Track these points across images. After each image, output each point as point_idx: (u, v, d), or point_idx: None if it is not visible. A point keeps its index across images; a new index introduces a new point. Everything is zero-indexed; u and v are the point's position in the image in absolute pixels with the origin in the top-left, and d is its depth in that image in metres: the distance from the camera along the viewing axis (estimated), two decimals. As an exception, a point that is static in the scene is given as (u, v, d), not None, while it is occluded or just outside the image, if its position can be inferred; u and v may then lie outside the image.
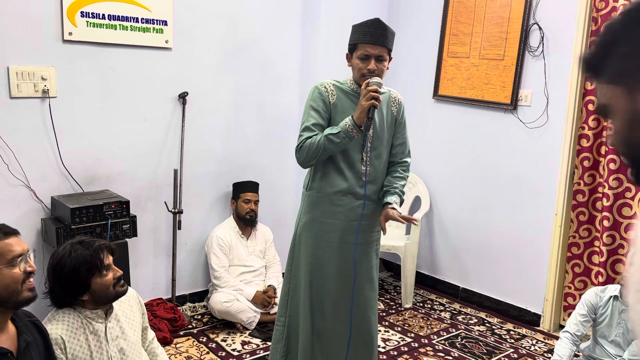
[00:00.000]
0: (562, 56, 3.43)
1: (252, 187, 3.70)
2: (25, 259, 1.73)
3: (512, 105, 3.66)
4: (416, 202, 4.21)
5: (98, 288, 2.01)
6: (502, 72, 3.69)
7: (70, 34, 3.05)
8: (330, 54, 3.81)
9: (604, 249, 3.32)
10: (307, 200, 2.60)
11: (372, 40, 2.40)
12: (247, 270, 3.64)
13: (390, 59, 2.50)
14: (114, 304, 2.14)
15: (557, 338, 3.45)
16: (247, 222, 3.68)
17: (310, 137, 2.43)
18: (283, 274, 2.82)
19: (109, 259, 2.06)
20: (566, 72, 3.41)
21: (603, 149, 3.33)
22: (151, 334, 2.38)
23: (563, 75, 3.43)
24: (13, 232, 1.76)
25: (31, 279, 1.74)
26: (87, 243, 2.04)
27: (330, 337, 2.59)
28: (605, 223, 3.29)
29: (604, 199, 3.29)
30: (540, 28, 3.50)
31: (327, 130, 2.41)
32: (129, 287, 2.26)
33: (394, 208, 2.46)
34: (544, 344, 3.47)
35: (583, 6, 3.29)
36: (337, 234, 2.53)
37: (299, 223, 2.64)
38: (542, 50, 3.50)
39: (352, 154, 2.48)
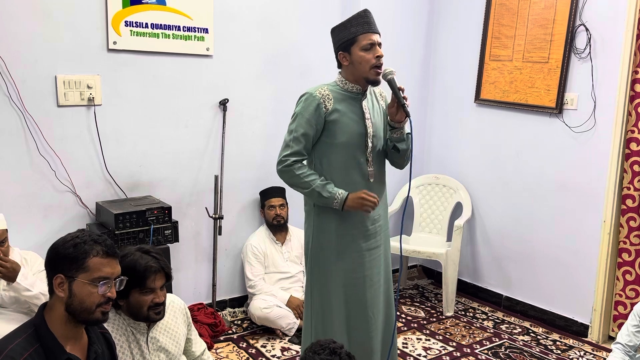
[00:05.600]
0: (609, 58, 3.32)
1: (276, 192, 3.68)
2: (110, 283, 1.70)
3: (558, 109, 3.56)
4: (458, 209, 4.13)
5: (134, 302, 2.00)
6: (547, 75, 3.59)
7: (114, 43, 3.12)
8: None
9: (656, 257, 3.18)
10: (316, 216, 2.46)
11: (372, 29, 2.35)
12: (284, 277, 3.64)
13: None
14: None
15: (606, 349, 3.35)
16: (276, 228, 3.68)
17: (300, 163, 2.33)
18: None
19: (157, 283, 2.00)
20: (614, 74, 3.30)
21: (655, 154, 3.20)
22: (202, 346, 2.35)
23: (611, 77, 3.32)
24: (113, 254, 1.73)
25: (108, 305, 1.71)
26: (149, 257, 2.00)
27: (367, 348, 2.51)
28: (658, 231, 3.16)
29: (656, 206, 3.16)
30: (586, 29, 3.40)
31: (324, 184, 2.33)
32: (177, 299, 2.27)
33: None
34: (592, 355, 3.35)
35: (632, 6, 3.18)
36: (356, 243, 2.45)
37: (312, 243, 2.48)
38: (589, 52, 3.40)
39: (357, 156, 2.40)
